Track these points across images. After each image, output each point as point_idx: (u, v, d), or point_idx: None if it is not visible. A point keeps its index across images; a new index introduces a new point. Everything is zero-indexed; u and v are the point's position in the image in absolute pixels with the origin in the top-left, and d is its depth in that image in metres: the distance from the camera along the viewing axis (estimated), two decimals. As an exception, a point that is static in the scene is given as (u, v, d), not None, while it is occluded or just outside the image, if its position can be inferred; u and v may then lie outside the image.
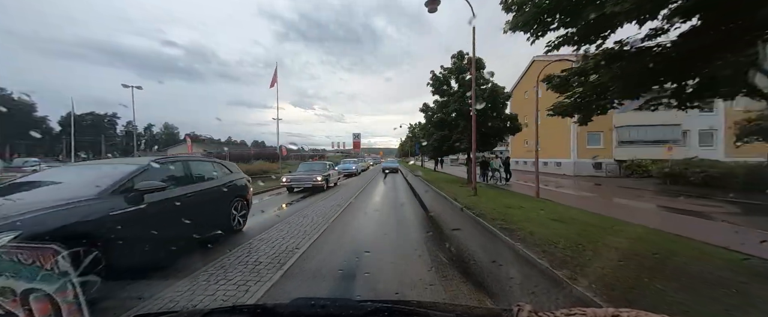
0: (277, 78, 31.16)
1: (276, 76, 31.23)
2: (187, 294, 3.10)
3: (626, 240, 4.61)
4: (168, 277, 3.41)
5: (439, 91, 16.60)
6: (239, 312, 0.99)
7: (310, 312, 0.91)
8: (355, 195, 11.09)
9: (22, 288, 0.82)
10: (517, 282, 3.46)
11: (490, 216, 6.48)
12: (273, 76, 31.15)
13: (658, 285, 3.04)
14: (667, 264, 3.70)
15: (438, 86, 16.50)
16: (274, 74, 31.24)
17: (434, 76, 16.60)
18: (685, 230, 5.89)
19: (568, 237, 4.68)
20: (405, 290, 3.26)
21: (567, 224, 5.76)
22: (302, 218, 6.78)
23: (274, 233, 5.40)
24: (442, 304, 1.02)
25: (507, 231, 5.29)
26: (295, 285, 3.40)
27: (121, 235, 3.10)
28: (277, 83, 31.20)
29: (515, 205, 7.90)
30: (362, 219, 7.04)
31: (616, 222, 6.38)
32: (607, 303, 2.67)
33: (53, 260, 0.89)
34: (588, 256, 3.90)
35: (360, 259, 4.24)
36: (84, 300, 0.88)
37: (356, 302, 0.94)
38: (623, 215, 7.55)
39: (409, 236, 5.44)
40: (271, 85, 30.88)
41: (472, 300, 3.03)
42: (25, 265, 0.86)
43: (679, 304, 2.68)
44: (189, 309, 2.67)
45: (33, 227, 2.51)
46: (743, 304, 2.72)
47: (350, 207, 8.42)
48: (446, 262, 4.05)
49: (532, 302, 1.00)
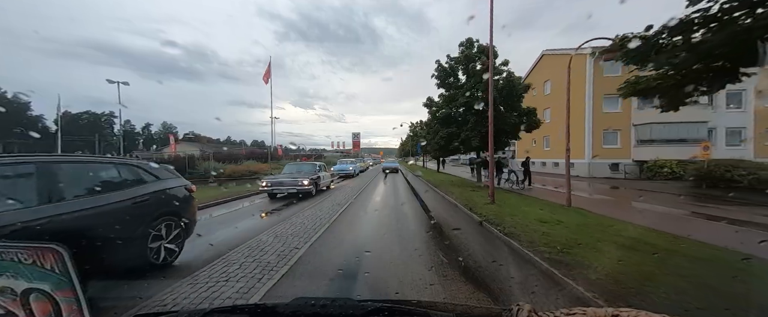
0: (270, 73, 29.64)
1: (269, 71, 29.69)
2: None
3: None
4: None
5: (445, 84, 14.89)
6: (239, 312, 0.97)
7: (311, 312, 0.90)
8: (349, 202, 9.37)
9: (23, 288, 0.83)
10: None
11: (526, 238, 4.76)
12: (266, 70, 29.65)
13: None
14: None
15: (444, 77, 14.80)
16: (267, 69, 29.70)
17: (440, 68, 14.89)
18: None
19: (677, 285, 2.97)
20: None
21: (643, 253, 4.04)
22: (268, 244, 4.97)
23: (218, 268, 3.70)
24: (441, 304, 1.01)
25: (559, 265, 3.58)
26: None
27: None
28: (270, 78, 29.72)
29: (549, 218, 6.19)
30: (353, 239, 5.37)
31: (717, 249, 4.35)
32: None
33: (54, 259, 0.87)
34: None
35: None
36: (84, 299, 0.86)
37: (356, 302, 0.94)
38: (712, 235, 5.30)
39: (413, 273, 3.73)
40: (264, 80, 29.40)
41: (471, 299, 2.99)
42: (26, 265, 0.86)
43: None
44: (189, 309, 2.46)
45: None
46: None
47: (338, 223, 6.74)
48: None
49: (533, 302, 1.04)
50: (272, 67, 29.21)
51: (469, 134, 13.60)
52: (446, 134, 14.84)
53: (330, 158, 42.14)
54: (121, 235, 3.15)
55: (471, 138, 13.56)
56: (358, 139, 64.78)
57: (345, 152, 62.36)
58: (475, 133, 13.24)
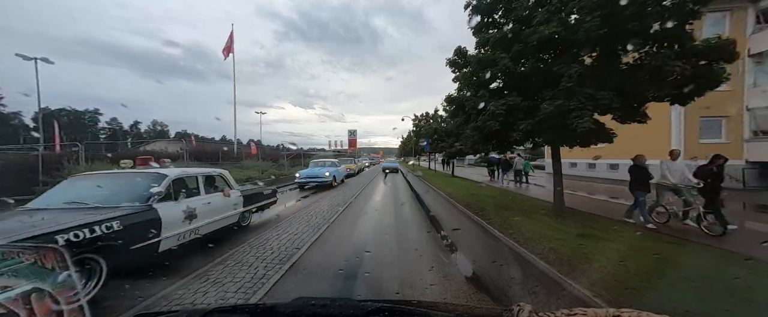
0: (232, 46, 23.12)
1: (232, 43, 23.19)
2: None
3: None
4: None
5: (489, 24, 7.03)
6: (240, 312, 0.98)
7: (311, 312, 0.89)
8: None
9: (24, 288, 0.83)
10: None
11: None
12: (228, 41, 23.18)
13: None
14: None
15: (489, 10, 6.66)
16: (228, 40, 23.21)
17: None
18: None
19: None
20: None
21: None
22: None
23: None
24: (442, 304, 0.99)
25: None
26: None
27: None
28: (232, 52, 23.14)
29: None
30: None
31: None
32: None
33: (54, 259, 0.88)
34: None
35: None
36: (85, 299, 0.89)
37: (357, 301, 0.93)
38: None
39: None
40: (224, 54, 22.84)
41: (472, 299, 2.89)
42: (27, 264, 0.87)
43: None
44: (189, 308, 2.10)
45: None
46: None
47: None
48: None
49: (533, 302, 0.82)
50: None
51: (563, 105, 5.14)
52: (502, 110, 5.97)
53: (315, 156, 29.06)
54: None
55: (572, 111, 5.07)
56: (354, 137, 57.47)
57: (342, 152, 54.97)
58: (583, 99, 5.12)
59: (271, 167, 19.85)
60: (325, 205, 8.77)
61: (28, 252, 0.87)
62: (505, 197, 10.14)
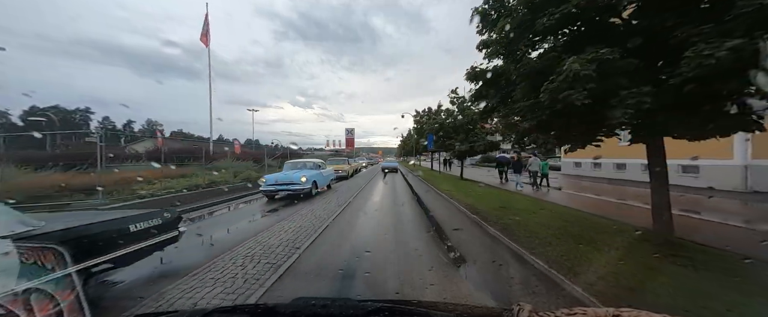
0: (209, 32, 21.86)
1: (208, 29, 21.88)
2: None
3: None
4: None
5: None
6: (240, 312, 0.96)
7: (311, 312, 0.88)
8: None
9: (24, 287, 0.82)
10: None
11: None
12: (204, 27, 21.82)
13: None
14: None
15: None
16: (204, 24, 21.85)
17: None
18: None
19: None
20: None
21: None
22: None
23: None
24: (442, 303, 0.97)
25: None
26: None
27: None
28: (209, 39, 21.90)
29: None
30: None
31: None
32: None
33: (54, 259, 0.90)
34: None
35: None
36: (85, 299, 0.88)
37: (357, 301, 0.93)
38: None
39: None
40: (203, 42, 21.84)
41: (471, 299, 2.86)
42: (27, 264, 0.87)
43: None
44: (189, 308, 2.26)
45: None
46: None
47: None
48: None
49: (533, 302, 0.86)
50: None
51: (743, 46, 2.49)
52: (591, 72, 3.17)
53: (307, 156, 25.81)
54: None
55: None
56: (352, 136, 53.51)
57: (341, 151, 53.55)
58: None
59: (248, 169, 16.33)
60: (289, 231, 5.62)
61: (30, 252, 0.89)
62: (561, 214, 6.81)
